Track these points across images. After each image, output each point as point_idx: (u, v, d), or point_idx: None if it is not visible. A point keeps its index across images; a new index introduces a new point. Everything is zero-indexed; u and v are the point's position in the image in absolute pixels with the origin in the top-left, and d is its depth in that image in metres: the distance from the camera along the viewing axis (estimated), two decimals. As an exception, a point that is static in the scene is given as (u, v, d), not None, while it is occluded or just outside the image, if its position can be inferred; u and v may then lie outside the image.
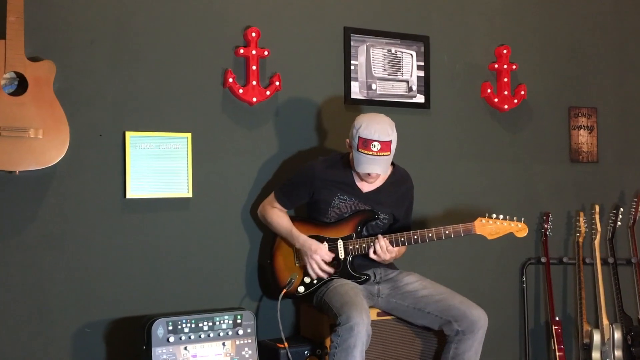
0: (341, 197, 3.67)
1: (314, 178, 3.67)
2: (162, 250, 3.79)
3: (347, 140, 3.61)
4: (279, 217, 3.75)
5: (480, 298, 4.31)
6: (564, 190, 4.87)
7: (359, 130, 3.49)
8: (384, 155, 3.49)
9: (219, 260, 3.91)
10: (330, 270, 3.63)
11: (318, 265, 3.61)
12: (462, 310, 3.48)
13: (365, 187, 3.69)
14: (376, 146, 3.47)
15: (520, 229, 3.74)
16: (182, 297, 3.80)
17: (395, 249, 3.63)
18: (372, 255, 3.60)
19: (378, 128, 3.48)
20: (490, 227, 3.68)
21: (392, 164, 3.75)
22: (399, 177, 3.79)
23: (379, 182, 3.70)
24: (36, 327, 3.53)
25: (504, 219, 3.72)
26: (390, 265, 3.82)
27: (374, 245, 3.59)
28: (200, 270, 3.87)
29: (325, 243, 3.65)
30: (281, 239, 3.77)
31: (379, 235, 3.60)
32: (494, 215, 3.70)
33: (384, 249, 3.58)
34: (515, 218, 3.74)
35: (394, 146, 3.53)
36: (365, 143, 3.47)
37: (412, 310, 3.61)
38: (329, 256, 3.63)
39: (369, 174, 3.59)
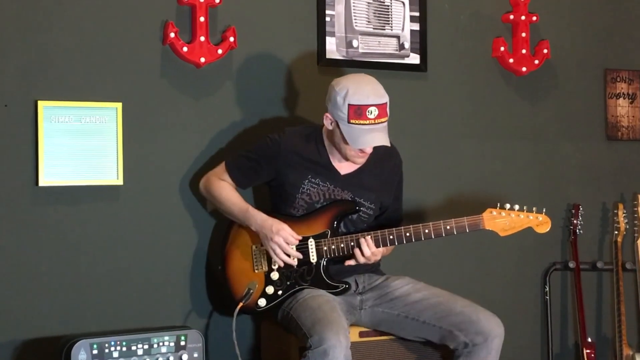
0: (313, 180, 3.69)
1: (279, 153, 3.69)
2: (84, 253, 3.82)
3: (327, 114, 3.61)
4: (228, 192, 3.73)
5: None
6: (599, 175, 4.93)
7: (346, 97, 3.49)
8: (382, 121, 3.53)
9: (158, 266, 3.95)
10: (299, 255, 3.64)
11: (282, 248, 3.61)
12: (467, 315, 3.49)
13: (344, 168, 3.71)
14: (373, 112, 3.50)
15: (541, 223, 3.76)
16: (111, 313, 3.85)
17: (382, 249, 3.67)
18: (358, 260, 3.63)
19: (370, 89, 3.51)
20: (503, 220, 3.71)
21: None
22: (383, 152, 3.77)
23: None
24: None
25: (520, 209, 3.73)
26: (375, 270, 3.86)
27: (357, 246, 3.61)
28: (134, 278, 3.91)
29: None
30: (234, 232, 3.77)
31: (367, 238, 3.61)
32: (507, 206, 3.72)
33: (372, 253, 3.62)
34: (534, 209, 3.76)
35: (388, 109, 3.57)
36: (359, 111, 3.49)
37: (403, 320, 3.63)
38: (295, 238, 3.63)
39: (361, 151, 3.59)
